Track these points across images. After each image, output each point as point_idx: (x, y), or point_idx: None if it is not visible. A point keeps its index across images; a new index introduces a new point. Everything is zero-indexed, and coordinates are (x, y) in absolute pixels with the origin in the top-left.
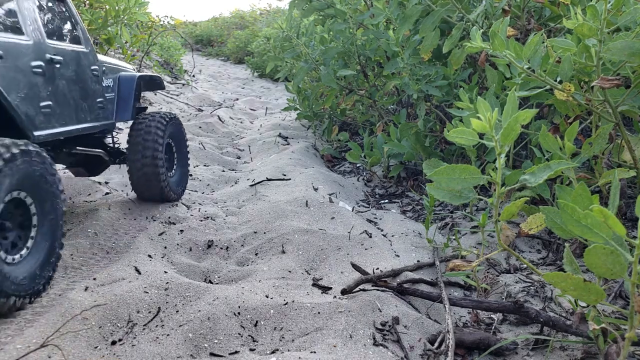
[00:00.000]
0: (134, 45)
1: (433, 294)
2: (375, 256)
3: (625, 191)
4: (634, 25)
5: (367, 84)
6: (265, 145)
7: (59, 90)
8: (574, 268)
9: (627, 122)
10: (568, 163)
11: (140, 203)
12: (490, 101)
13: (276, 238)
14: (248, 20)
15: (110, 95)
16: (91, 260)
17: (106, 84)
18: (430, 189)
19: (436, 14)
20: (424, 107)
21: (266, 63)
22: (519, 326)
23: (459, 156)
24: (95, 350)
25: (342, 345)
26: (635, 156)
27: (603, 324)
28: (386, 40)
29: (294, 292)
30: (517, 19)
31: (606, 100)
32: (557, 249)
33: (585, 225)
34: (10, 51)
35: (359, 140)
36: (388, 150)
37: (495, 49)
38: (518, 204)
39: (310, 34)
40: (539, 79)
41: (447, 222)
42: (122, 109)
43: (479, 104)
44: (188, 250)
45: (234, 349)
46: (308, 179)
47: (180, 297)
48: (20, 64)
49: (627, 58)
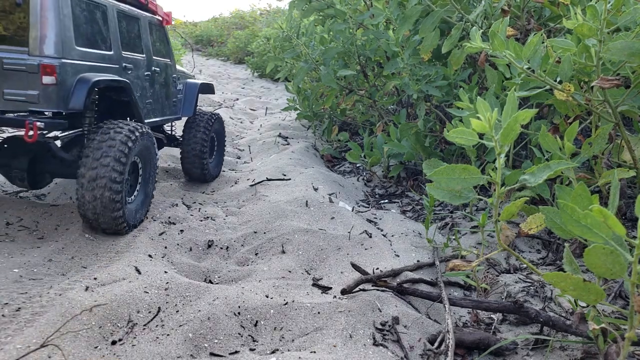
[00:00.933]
0: None
1: (433, 294)
2: (375, 256)
3: (625, 191)
4: (633, 25)
5: (367, 84)
6: (265, 145)
7: (155, 91)
8: (574, 268)
9: (627, 122)
10: (568, 163)
11: None
12: (490, 101)
13: (276, 238)
14: (248, 21)
15: (180, 96)
16: (91, 260)
17: (179, 88)
18: (430, 189)
19: (436, 14)
20: (424, 107)
21: (266, 63)
22: (518, 326)
23: (459, 156)
24: (95, 350)
25: (342, 345)
26: (635, 156)
27: (603, 324)
28: (386, 40)
29: (294, 292)
30: (517, 19)
31: (606, 100)
32: (557, 249)
33: (585, 225)
34: (135, 64)
35: (359, 140)
36: (388, 150)
37: (495, 49)
38: (518, 204)
39: (310, 34)
40: (538, 79)
41: (447, 222)
42: (187, 107)
43: (479, 104)
44: (188, 250)
45: (234, 349)
46: (308, 179)
47: (180, 297)
48: (139, 73)
49: (627, 58)
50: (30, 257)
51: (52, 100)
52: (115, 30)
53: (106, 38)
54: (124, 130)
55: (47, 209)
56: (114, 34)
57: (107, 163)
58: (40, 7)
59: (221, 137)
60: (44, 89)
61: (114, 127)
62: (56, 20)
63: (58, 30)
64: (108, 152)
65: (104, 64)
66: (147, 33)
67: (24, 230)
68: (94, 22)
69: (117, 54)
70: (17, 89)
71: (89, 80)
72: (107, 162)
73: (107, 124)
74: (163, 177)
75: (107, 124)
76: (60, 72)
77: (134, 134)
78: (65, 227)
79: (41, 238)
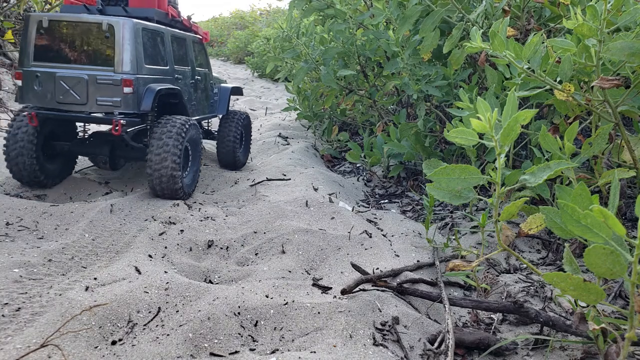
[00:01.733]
0: None
1: (433, 294)
2: (375, 256)
3: (625, 191)
4: (633, 25)
5: (367, 84)
6: (265, 145)
7: (198, 95)
8: (574, 268)
9: (627, 122)
10: (568, 163)
11: (141, 203)
12: (490, 101)
13: (276, 238)
14: (248, 21)
15: (216, 98)
16: (91, 260)
17: (215, 92)
18: (430, 189)
19: (436, 14)
20: (424, 107)
21: (266, 63)
22: (518, 326)
23: (459, 156)
24: (95, 350)
25: (342, 345)
26: (635, 156)
27: (603, 324)
28: (386, 40)
29: (294, 292)
30: (517, 19)
31: (606, 100)
32: (557, 249)
33: (585, 225)
34: (183, 75)
35: (359, 140)
36: (388, 150)
37: (495, 49)
38: (518, 204)
39: (310, 34)
40: (538, 79)
41: (447, 222)
42: (221, 107)
43: (479, 104)
44: (188, 250)
45: (234, 349)
46: (308, 179)
47: (180, 297)
48: (186, 82)
49: (627, 58)
50: (30, 257)
51: (130, 104)
52: (169, 50)
53: (164, 56)
54: (177, 124)
55: (47, 209)
56: (168, 53)
57: (168, 149)
58: (122, 39)
59: (248, 132)
60: (125, 97)
61: (170, 121)
62: (132, 48)
63: (133, 54)
64: (168, 141)
65: (163, 76)
66: (191, 50)
67: (24, 230)
68: (155, 46)
69: (171, 68)
70: (106, 97)
71: (154, 89)
72: (168, 148)
73: (164, 120)
74: None
75: (164, 120)
76: (135, 84)
77: (185, 126)
78: (65, 227)
79: (41, 238)
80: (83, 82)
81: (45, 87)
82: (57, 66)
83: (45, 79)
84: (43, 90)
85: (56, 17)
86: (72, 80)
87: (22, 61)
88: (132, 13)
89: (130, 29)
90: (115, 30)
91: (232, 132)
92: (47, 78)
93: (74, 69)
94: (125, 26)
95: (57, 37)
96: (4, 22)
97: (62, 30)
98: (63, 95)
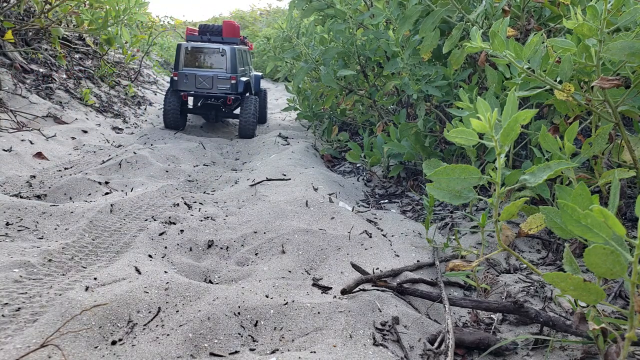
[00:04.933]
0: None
1: (433, 294)
2: (375, 256)
3: (625, 191)
4: (634, 25)
5: (367, 84)
6: (265, 145)
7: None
8: (574, 268)
9: (627, 122)
10: (568, 163)
11: (141, 203)
12: (490, 101)
13: (276, 238)
14: (248, 21)
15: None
16: (91, 260)
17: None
18: (430, 189)
19: (436, 14)
20: (424, 107)
21: (266, 63)
22: (518, 326)
23: (459, 156)
24: (95, 350)
25: (342, 345)
26: (635, 156)
27: (603, 324)
28: (386, 40)
29: (294, 292)
30: (517, 19)
31: (606, 100)
32: (557, 249)
33: (585, 225)
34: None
35: (359, 140)
36: (388, 150)
37: (495, 49)
38: (518, 204)
39: (310, 34)
40: (538, 79)
41: (447, 222)
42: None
43: (479, 104)
44: (188, 250)
45: (234, 349)
46: (308, 179)
47: (180, 297)
48: (247, 75)
49: (627, 58)
50: (30, 257)
51: (234, 89)
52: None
53: (242, 62)
54: (252, 98)
55: (47, 209)
56: (244, 60)
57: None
58: (229, 55)
59: (264, 107)
60: (232, 85)
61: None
62: (233, 60)
63: (234, 63)
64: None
65: (243, 73)
66: (246, 55)
67: (24, 230)
68: (240, 57)
69: (244, 68)
70: (222, 85)
71: (242, 81)
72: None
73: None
74: (163, 177)
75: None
76: (236, 78)
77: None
78: (65, 227)
79: (41, 238)
80: (210, 78)
81: (190, 81)
82: (197, 69)
83: (190, 76)
84: (189, 82)
85: (195, 45)
86: (205, 77)
87: (177, 67)
88: (227, 40)
89: (232, 50)
90: (225, 51)
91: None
92: (191, 76)
93: (206, 71)
94: (229, 49)
95: (195, 55)
96: (4, 22)
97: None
98: (200, 85)
